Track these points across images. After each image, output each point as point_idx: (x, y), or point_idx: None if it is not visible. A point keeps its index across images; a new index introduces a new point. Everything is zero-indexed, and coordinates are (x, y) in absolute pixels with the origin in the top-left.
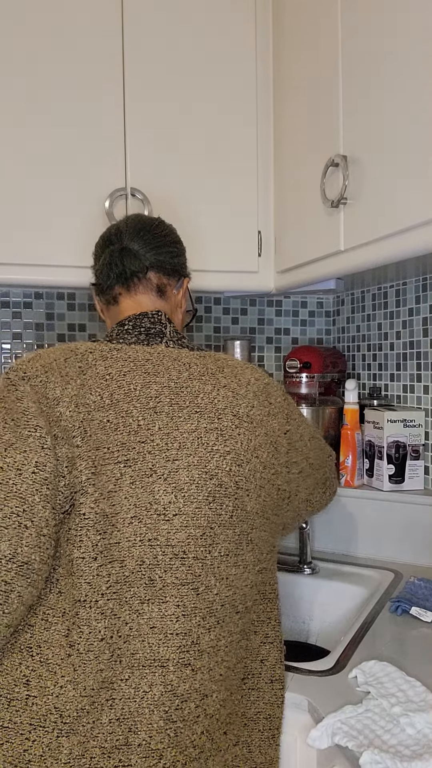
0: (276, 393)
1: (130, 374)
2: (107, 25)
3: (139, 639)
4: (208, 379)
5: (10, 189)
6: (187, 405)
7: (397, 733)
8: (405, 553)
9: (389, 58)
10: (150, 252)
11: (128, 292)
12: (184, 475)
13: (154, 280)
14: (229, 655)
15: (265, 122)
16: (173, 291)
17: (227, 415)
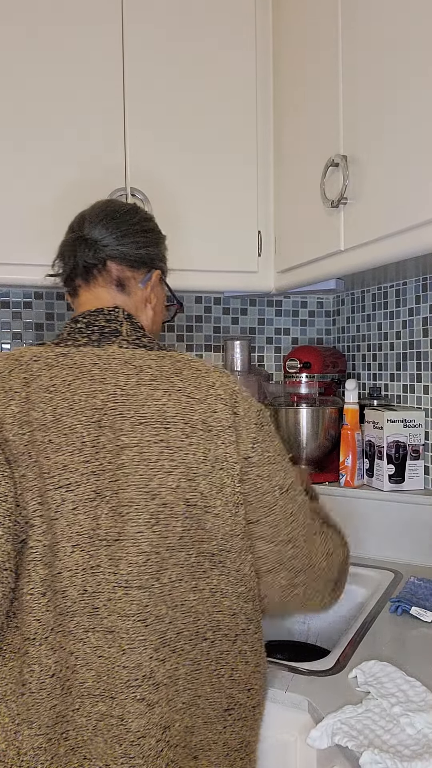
0: (246, 402)
1: (75, 383)
2: (107, 24)
3: (87, 668)
4: (160, 383)
5: (10, 189)
6: (132, 416)
7: (397, 733)
8: (405, 553)
9: (389, 57)
10: (113, 241)
11: (87, 284)
12: (124, 497)
13: (114, 272)
14: (194, 683)
15: (265, 122)
16: (137, 285)
17: (177, 424)
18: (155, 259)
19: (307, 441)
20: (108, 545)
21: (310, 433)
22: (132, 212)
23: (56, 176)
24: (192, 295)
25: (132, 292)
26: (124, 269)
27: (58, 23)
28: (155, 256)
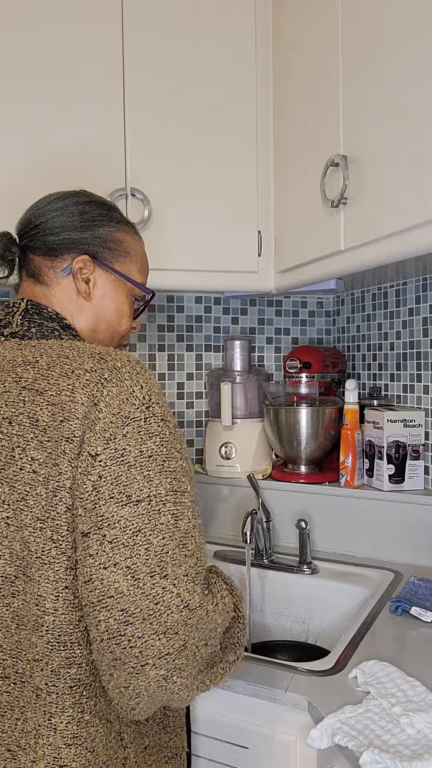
0: (112, 395)
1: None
2: (107, 24)
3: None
4: (3, 375)
5: (10, 189)
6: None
7: (397, 733)
8: (405, 553)
9: (389, 57)
10: (31, 230)
11: (20, 279)
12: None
13: (31, 263)
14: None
15: (265, 122)
16: (58, 274)
17: (1, 421)
18: (81, 244)
19: (307, 441)
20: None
21: (310, 433)
22: (60, 199)
23: (56, 176)
24: (192, 295)
25: (51, 283)
26: (42, 259)
27: (57, 23)
28: (81, 240)
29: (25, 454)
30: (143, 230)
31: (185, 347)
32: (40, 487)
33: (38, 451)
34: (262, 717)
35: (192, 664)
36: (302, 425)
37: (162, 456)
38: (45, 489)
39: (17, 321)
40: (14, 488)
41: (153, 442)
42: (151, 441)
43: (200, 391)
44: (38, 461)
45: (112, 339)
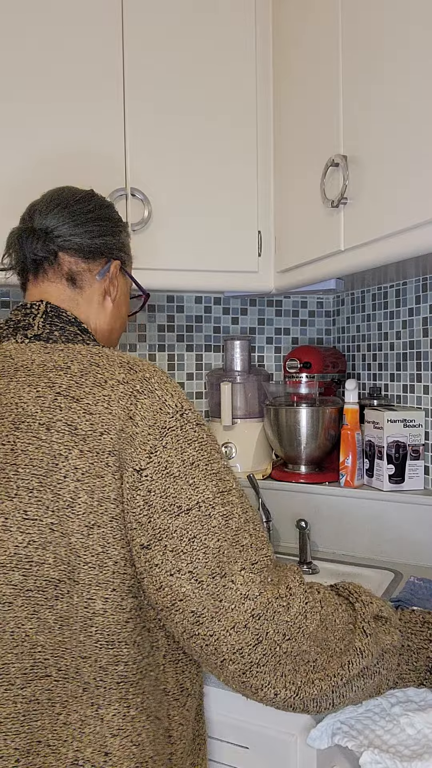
0: (147, 408)
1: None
2: (107, 23)
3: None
4: (35, 379)
5: (10, 189)
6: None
7: (397, 733)
8: (405, 553)
9: (389, 56)
10: (65, 231)
11: (36, 279)
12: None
13: (65, 265)
14: (31, 727)
15: (265, 122)
16: (94, 278)
17: (32, 425)
18: (114, 249)
19: (307, 441)
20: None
21: (310, 433)
22: (86, 199)
23: (56, 176)
24: (192, 295)
25: (85, 286)
26: (78, 261)
27: (57, 23)
28: (114, 245)
29: (67, 463)
30: (143, 230)
31: (185, 347)
32: (85, 495)
33: (80, 460)
34: (262, 717)
35: (276, 660)
36: (302, 425)
37: (203, 461)
38: (90, 498)
39: (39, 323)
40: (59, 495)
41: (192, 448)
42: (190, 448)
43: (200, 391)
44: (81, 470)
45: (118, 339)
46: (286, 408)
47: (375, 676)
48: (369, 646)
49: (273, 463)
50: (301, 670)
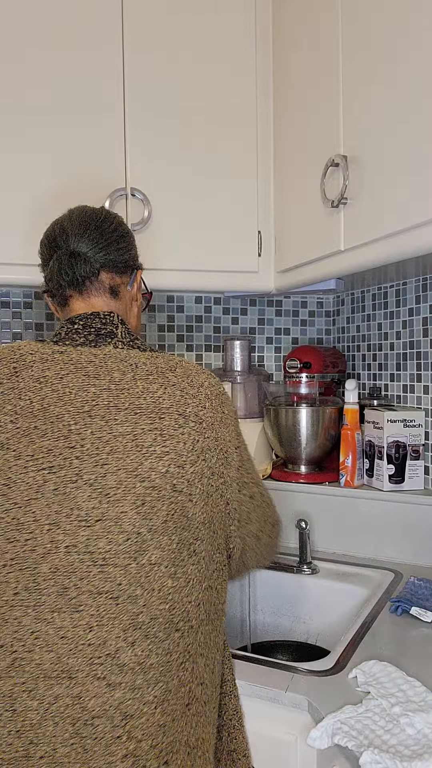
0: (230, 405)
1: (68, 377)
2: (107, 24)
3: (47, 649)
4: (156, 377)
5: (9, 189)
6: (126, 407)
7: (397, 733)
8: (405, 553)
9: (389, 57)
10: (99, 252)
11: (80, 295)
12: (111, 480)
13: (106, 281)
14: (165, 676)
15: (265, 122)
16: (127, 288)
17: (171, 414)
18: (136, 259)
19: (307, 441)
20: (88, 526)
21: (310, 433)
22: (108, 219)
23: (56, 176)
24: (192, 295)
25: (122, 297)
26: (114, 276)
27: (57, 22)
28: (135, 256)
29: (198, 445)
30: (143, 230)
31: (185, 347)
32: (208, 470)
33: (205, 443)
34: (262, 717)
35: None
36: (302, 425)
37: (249, 454)
38: (210, 471)
39: (122, 332)
40: (194, 472)
41: (244, 446)
42: (243, 446)
43: None
44: (206, 451)
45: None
46: (286, 408)
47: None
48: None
49: (273, 463)
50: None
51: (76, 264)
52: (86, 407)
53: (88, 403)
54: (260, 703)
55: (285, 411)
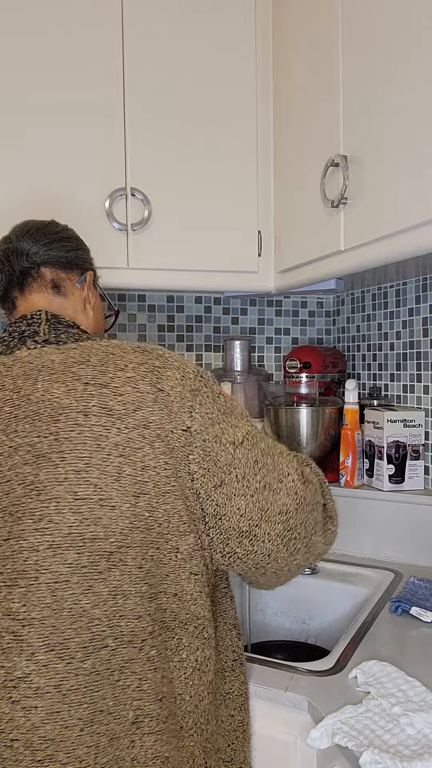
0: (172, 378)
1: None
2: (107, 24)
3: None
4: (60, 375)
5: (9, 189)
6: (25, 416)
7: (397, 733)
8: (405, 553)
9: (389, 57)
10: (41, 248)
11: (22, 293)
12: (14, 497)
13: (48, 275)
14: (95, 697)
15: (265, 122)
16: (74, 285)
17: (69, 414)
18: (86, 262)
19: (307, 441)
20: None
21: (310, 433)
22: (54, 224)
23: (56, 176)
24: (192, 295)
25: (69, 293)
26: (58, 272)
27: (58, 22)
28: (85, 259)
29: (108, 441)
30: (143, 230)
31: (185, 347)
32: (129, 468)
33: (119, 437)
34: (262, 717)
35: (319, 510)
36: (302, 425)
37: (231, 407)
38: (134, 470)
39: (44, 330)
40: (105, 472)
41: (221, 400)
42: (219, 400)
43: None
44: (122, 446)
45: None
46: (286, 408)
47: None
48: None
49: None
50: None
51: (12, 257)
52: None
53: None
54: (260, 703)
55: (285, 411)
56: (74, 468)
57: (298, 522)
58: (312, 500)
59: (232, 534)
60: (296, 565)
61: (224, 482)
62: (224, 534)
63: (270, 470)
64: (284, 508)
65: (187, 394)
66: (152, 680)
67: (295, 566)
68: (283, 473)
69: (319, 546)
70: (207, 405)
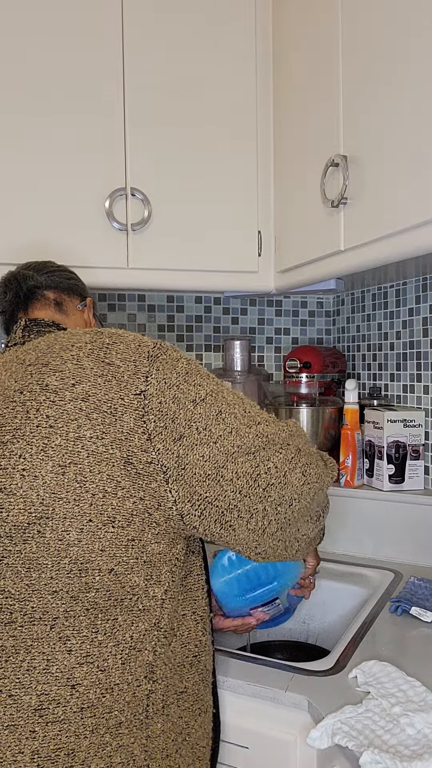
0: (124, 351)
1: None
2: (107, 24)
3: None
4: (9, 365)
5: (10, 189)
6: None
7: (397, 733)
8: (405, 553)
9: (389, 57)
10: (43, 276)
11: (26, 313)
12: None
13: (51, 296)
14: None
15: (265, 122)
16: (76, 307)
17: (7, 392)
18: (84, 291)
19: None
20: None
21: (310, 433)
22: (50, 262)
23: (56, 176)
24: (192, 295)
25: (71, 313)
26: (61, 293)
27: (58, 22)
28: (83, 288)
29: (39, 413)
30: (143, 230)
31: (185, 347)
32: (59, 439)
33: (51, 409)
34: (262, 717)
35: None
36: (302, 425)
37: (194, 369)
38: (65, 440)
39: (18, 334)
40: (31, 443)
41: (181, 363)
42: (180, 363)
43: None
44: (53, 418)
45: None
46: (286, 408)
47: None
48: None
49: None
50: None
51: (21, 280)
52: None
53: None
54: (260, 703)
55: (285, 411)
56: (1, 440)
57: (266, 458)
58: (283, 440)
59: (199, 479)
60: (279, 510)
61: (183, 435)
62: (189, 482)
63: (238, 417)
64: (252, 448)
65: (144, 360)
66: (63, 663)
67: (280, 513)
68: (254, 420)
69: (298, 487)
70: (165, 370)
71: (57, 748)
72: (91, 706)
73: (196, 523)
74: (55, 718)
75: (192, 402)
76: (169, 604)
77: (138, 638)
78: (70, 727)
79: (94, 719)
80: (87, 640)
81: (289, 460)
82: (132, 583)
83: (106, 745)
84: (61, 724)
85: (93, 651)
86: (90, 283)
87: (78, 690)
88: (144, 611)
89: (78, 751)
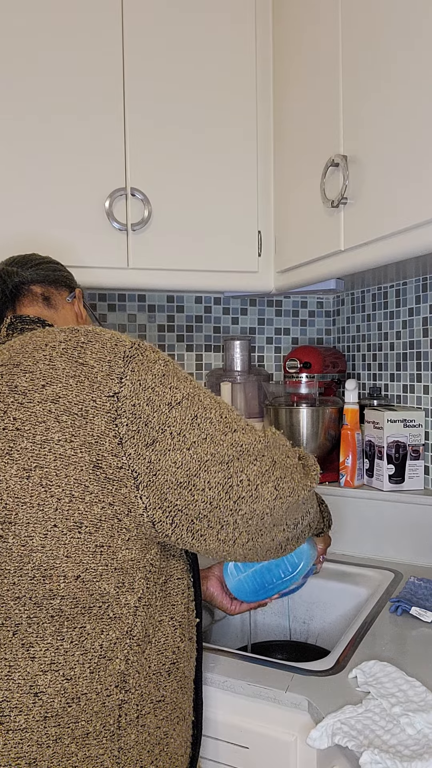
0: (99, 351)
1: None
2: (107, 24)
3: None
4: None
5: (10, 189)
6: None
7: (397, 733)
8: (405, 553)
9: (389, 57)
10: (28, 271)
11: (14, 311)
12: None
13: (38, 291)
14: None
15: (265, 122)
16: (65, 300)
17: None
18: (72, 282)
19: (307, 441)
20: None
21: (310, 433)
22: (34, 254)
23: (56, 176)
24: (192, 295)
25: (60, 307)
26: (48, 287)
27: (59, 23)
28: (70, 279)
29: (6, 416)
30: (143, 230)
31: (185, 347)
32: (25, 441)
33: (19, 411)
34: (262, 717)
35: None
36: (302, 425)
37: (171, 371)
38: (32, 443)
39: (3, 333)
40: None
41: (158, 365)
42: (156, 365)
43: None
44: (20, 420)
45: None
46: (286, 408)
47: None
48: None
49: None
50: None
51: (7, 277)
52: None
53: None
54: (260, 703)
55: (285, 411)
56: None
57: (239, 470)
58: (258, 451)
59: (170, 486)
60: (249, 523)
61: (156, 440)
62: (160, 488)
63: (214, 423)
64: (226, 458)
65: (119, 361)
66: (26, 670)
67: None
68: (230, 427)
69: (269, 501)
70: (140, 372)
71: (18, 757)
72: (55, 715)
73: (168, 531)
74: (16, 726)
75: (167, 405)
76: (143, 612)
77: (108, 647)
78: (32, 735)
79: (59, 728)
80: (52, 647)
81: (262, 473)
82: (101, 590)
83: (71, 755)
84: (22, 732)
85: (58, 659)
86: (90, 283)
87: (41, 698)
88: (115, 619)
89: (40, 761)
